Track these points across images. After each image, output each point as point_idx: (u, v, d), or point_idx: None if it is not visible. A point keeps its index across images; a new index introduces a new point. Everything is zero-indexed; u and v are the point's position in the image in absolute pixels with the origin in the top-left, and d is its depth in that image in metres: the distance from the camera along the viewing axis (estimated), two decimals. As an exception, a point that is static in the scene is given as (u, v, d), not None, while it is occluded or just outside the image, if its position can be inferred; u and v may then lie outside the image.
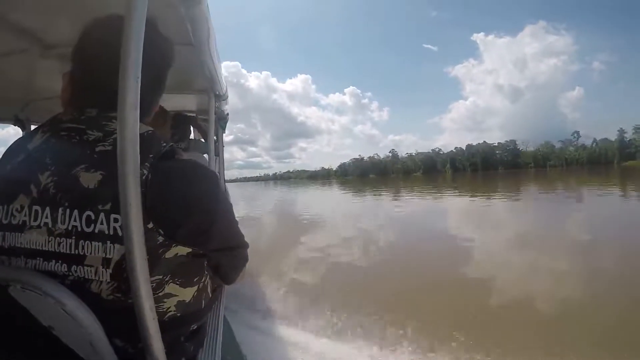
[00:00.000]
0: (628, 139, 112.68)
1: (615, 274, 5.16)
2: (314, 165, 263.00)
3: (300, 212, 16.50)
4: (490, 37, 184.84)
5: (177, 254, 0.63)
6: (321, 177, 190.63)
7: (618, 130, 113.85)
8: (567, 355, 2.99)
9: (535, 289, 4.76)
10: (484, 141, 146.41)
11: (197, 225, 0.65)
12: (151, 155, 0.61)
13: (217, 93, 2.13)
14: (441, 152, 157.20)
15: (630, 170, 58.87)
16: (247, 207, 20.11)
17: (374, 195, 27.76)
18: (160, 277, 0.62)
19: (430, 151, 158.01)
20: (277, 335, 3.60)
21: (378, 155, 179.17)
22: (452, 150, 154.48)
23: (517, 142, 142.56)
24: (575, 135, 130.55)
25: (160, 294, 0.63)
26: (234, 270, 0.83)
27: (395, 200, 21.73)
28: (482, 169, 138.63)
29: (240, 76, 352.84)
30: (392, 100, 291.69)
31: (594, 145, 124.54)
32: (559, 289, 4.74)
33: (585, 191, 21.07)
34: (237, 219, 0.79)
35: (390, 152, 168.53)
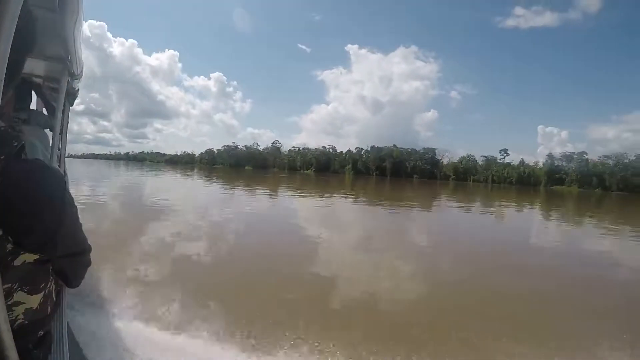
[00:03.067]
0: (556, 165, 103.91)
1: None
2: (168, 149, 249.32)
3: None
4: (364, 50, 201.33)
5: (24, 261, 0.61)
6: (183, 162, 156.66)
7: (547, 155, 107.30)
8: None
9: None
10: (395, 145, 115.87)
11: (44, 232, 0.64)
12: (2, 157, 0.58)
13: (72, 71, 2.08)
14: (337, 152, 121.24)
15: (553, 194, 67.76)
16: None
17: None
18: (9, 285, 0.61)
19: (325, 147, 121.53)
20: (120, 331, 3.67)
21: (258, 146, 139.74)
22: (352, 150, 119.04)
23: (436, 151, 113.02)
24: (503, 153, 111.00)
25: (9, 303, 0.61)
26: (78, 274, 0.83)
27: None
28: (392, 174, 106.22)
29: (104, 39, 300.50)
30: (257, 92, 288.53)
31: (521, 165, 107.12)
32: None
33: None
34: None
35: (273, 143, 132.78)
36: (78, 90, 3.06)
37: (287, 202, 22.35)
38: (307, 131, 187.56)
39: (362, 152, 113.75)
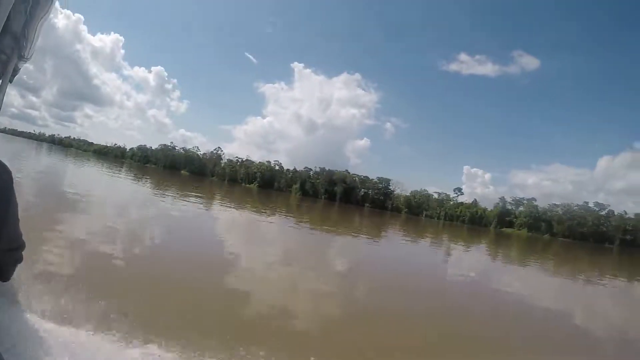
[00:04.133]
0: (508, 208, 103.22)
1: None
2: (96, 138, 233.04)
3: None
4: (308, 70, 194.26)
5: None
6: (113, 156, 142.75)
7: (500, 199, 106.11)
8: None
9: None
10: (347, 170, 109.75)
11: None
12: None
13: (22, 53, 1.96)
14: (284, 169, 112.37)
15: (502, 235, 74.99)
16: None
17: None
18: None
19: (270, 162, 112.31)
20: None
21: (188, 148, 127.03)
22: (299, 170, 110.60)
23: (390, 182, 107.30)
24: (457, 191, 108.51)
25: None
26: (10, 269, 0.83)
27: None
28: (342, 200, 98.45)
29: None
30: (195, 94, 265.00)
31: (473, 204, 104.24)
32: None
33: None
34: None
35: (214, 150, 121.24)
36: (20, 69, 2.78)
37: (230, 217, 23.05)
38: (240, 141, 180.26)
39: (311, 173, 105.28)
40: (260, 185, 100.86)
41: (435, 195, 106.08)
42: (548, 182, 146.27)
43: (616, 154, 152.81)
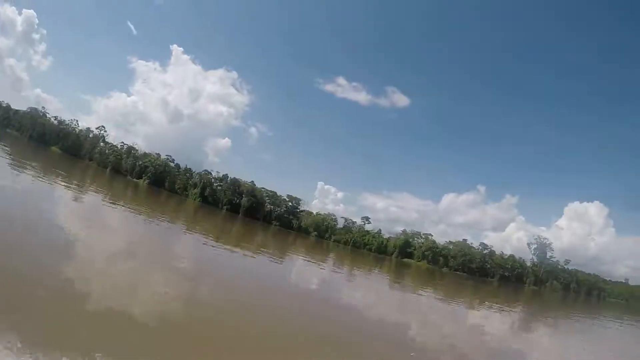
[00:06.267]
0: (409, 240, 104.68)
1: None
2: None
3: None
4: (187, 57, 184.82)
5: None
6: None
7: (402, 231, 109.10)
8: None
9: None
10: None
11: None
12: None
13: None
14: (182, 167, 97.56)
15: (400, 264, 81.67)
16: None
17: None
18: None
19: (168, 157, 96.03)
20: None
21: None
22: (199, 172, 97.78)
23: (300, 202, 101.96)
24: (364, 221, 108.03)
25: None
26: None
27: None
28: (246, 214, 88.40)
29: None
30: (62, 53, 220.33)
31: (378, 235, 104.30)
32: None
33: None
34: None
35: (99, 128, 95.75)
36: None
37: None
38: (98, 116, 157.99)
39: (214, 179, 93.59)
40: (151, 181, 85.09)
41: (342, 220, 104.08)
42: (395, 209, 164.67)
43: (461, 192, 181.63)
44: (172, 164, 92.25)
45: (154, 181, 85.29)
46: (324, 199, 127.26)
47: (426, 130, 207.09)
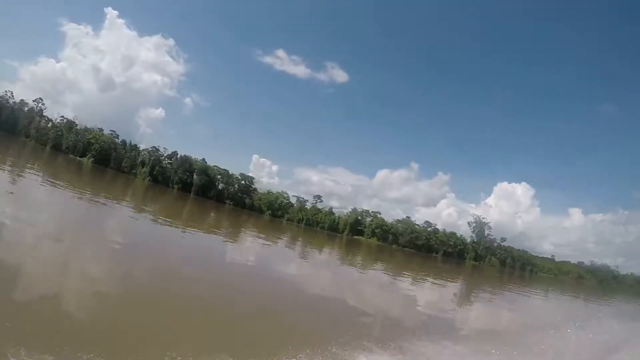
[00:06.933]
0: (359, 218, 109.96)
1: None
2: None
3: None
4: (122, 21, 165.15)
5: None
6: None
7: (352, 209, 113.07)
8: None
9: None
10: (202, 158, 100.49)
11: None
12: None
13: None
14: (130, 145, 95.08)
15: (350, 241, 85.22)
16: None
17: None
18: None
19: (112, 133, 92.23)
20: None
21: None
22: (147, 148, 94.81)
23: (253, 180, 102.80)
24: (316, 199, 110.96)
25: None
26: None
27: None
28: (198, 194, 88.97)
29: None
30: None
31: (330, 213, 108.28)
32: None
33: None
34: None
35: (36, 100, 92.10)
36: None
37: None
38: (24, 84, 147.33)
39: (163, 157, 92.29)
40: (96, 160, 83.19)
41: (295, 200, 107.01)
42: (330, 183, 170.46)
43: (395, 169, 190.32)
44: (117, 141, 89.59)
45: (99, 160, 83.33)
46: (259, 172, 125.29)
47: (363, 106, 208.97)
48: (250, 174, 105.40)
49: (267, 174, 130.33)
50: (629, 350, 14.14)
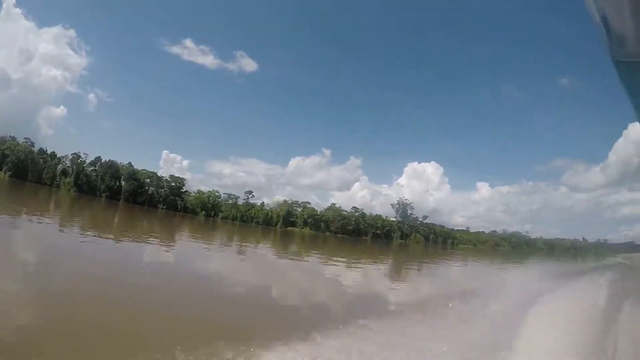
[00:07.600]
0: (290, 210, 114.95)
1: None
2: None
3: None
4: (18, 10, 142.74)
5: None
6: None
7: (283, 201, 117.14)
8: None
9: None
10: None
11: None
12: None
13: None
14: (43, 151, 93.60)
15: (284, 233, 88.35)
16: None
17: None
18: None
19: (27, 140, 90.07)
20: None
21: None
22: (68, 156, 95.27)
23: (185, 182, 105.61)
24: (247, 195, 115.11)
25: None
26: None
27: None
28: (128, 200, 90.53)
29: None
30: None
31: (263, 207, 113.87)
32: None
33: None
34: None
35: None
36: None
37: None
38: None
39: (86, 164, 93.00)
40: (14, 174, 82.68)
41: (226, 196, 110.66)
42: (243, 174, 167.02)
43: (307, 156, 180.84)
44: (34, 150, 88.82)
45: (16, 173, 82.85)
46: (169, 168, 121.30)
47: (273, 95, 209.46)
48: (160, 171, 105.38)
49: (177, 170, 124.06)
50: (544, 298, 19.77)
